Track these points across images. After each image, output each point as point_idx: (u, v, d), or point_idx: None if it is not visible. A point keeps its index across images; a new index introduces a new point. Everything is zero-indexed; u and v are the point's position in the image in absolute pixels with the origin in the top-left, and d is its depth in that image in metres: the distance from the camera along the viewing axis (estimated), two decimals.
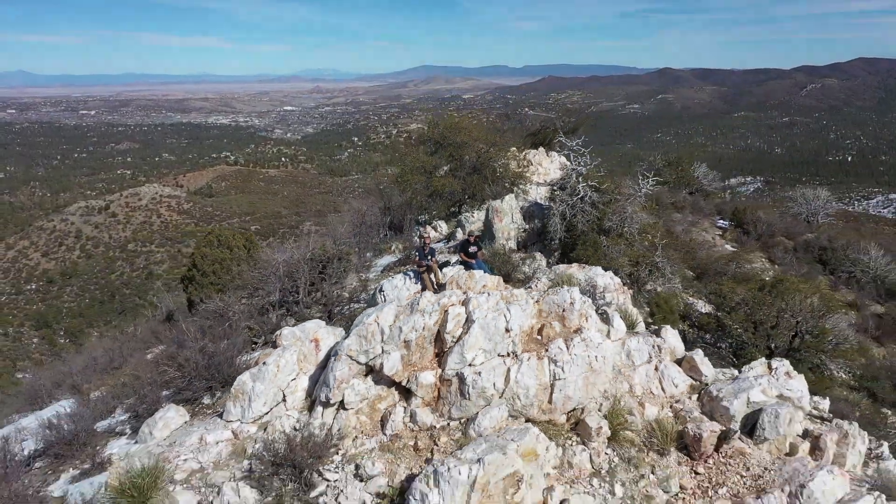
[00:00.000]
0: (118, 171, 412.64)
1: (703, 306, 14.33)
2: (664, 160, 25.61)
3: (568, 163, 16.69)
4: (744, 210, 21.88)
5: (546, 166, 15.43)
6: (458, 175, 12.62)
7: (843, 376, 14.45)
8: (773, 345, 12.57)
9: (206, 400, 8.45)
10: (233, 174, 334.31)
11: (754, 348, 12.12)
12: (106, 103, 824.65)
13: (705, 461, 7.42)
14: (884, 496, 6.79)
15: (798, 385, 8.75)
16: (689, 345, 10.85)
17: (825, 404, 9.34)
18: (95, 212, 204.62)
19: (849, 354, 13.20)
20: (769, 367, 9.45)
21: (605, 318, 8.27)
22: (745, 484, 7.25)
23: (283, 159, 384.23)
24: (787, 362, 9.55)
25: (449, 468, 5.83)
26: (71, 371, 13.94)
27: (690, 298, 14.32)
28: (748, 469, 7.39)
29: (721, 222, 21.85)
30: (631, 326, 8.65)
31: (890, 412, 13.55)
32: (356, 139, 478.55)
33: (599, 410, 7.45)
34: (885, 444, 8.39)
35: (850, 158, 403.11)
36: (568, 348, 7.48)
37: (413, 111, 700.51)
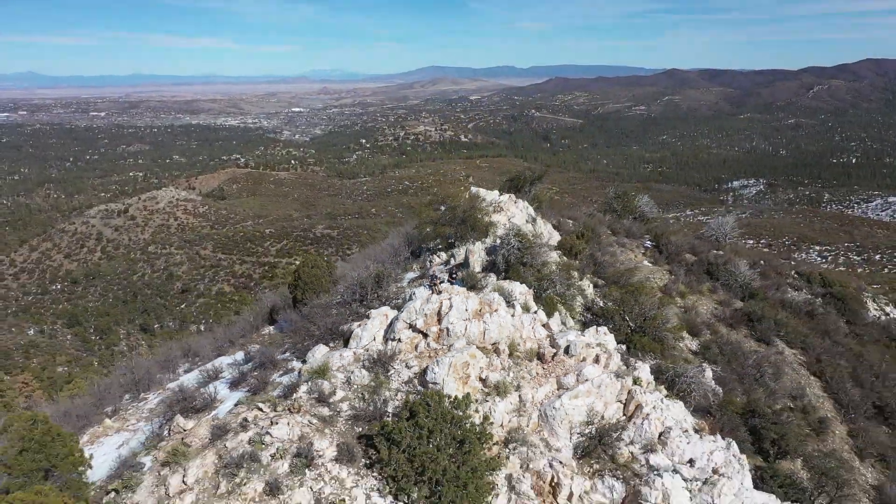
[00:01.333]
0: (130, 174, 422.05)
1: (602, 302, 22.12)
2: (615, 193, 32.87)
3: (529, 207, 24.98)
4: (661, 234, 29.53)
5: (512, 211, 23.16)
6: (452, 224, 20.13)
7: (689, 346, 22.24)
8: (632, 324, 20.35)
9: (331, 343, 16.54)
10: (243, 177, 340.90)
11: (622, 325, 19.93)
12: (116, 105, 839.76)
13: (546, 364, 15.48)
14: (614, 375, 14.76)
15: (605, 337, 16.79)
16: (588, 325, 19.13)
17: (622, 348, 17.40)
18: (115, 215, 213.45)
19: (674, 330, 20.94)
20: (596, 330, 17.47)
21: (511, 305, 16.28)
22: (562, 372, 15.22)
23: (292, 162, 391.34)
24: (605, 329, 17.60)
25: (440, 360, 14.10)
26: (222, 336, 21.77)
27: (593, 296, 22.09)
28: (564, 366, 15.39)
29: (647, 243, 29.45)
30: (527, 310, 16.61)
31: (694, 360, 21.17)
32: (364, 141, 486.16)
33: (504, 343, 15.59)
34: (641, 363, 16.32)
35: (854, 161, 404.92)
36: (490, 317, 15.68)
37: (420, 112, 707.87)
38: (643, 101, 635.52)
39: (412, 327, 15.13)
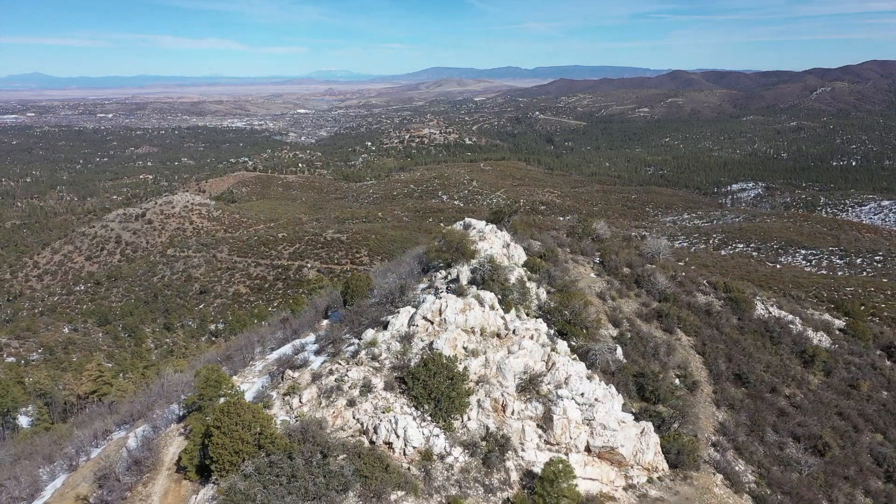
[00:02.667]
0: (140, 176, 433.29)
1: (551, 303, 31.99)
2: (577, 219, 42.02)
3: (506, 235, 35.12)
4: (607, 252, 39.20)
5: (492, 240, 32.67)
6: (449, 251, 29.58)
7: (611, 333, 32.12)
8: (568, 317, 30.31)
9: (375, 328, 26.59)
10: (252, 180, 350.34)
11: (560, 318, 29.91)
12: (123, 106, 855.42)
13: (502, 339, 25.51)
14: (541, 345, 24.89)
15: (539, 324, 27.02)
16: (539, 318, 29.28)
17: (552, 331, 27.75)
18: (133, 219, 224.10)
19: (593, 322, 30.75)
20: (535, 320, 27.57)
21: (483, 306, 26.19)
22: (511, 344, 25.32)
23: (299, 165, 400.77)
24: (540, 320, 27.51)
25: (440, 336, 24.12)
26: (292, 326, 31.86)
27: (546, 299, 31.84)
28: (512, 340, 25.58)
29: (596, 260, 38.97)
30: (493, 308, 26.50)
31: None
32: (369, 143, 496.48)
33: (478, 327, 25.56)
34: (561, 340, 26.26)
35: (854, 163, 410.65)
36: (470, 312, 25.62)
37: (425, 114, 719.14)
38: (647, 103, 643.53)
39: (424, 318, 25.17)
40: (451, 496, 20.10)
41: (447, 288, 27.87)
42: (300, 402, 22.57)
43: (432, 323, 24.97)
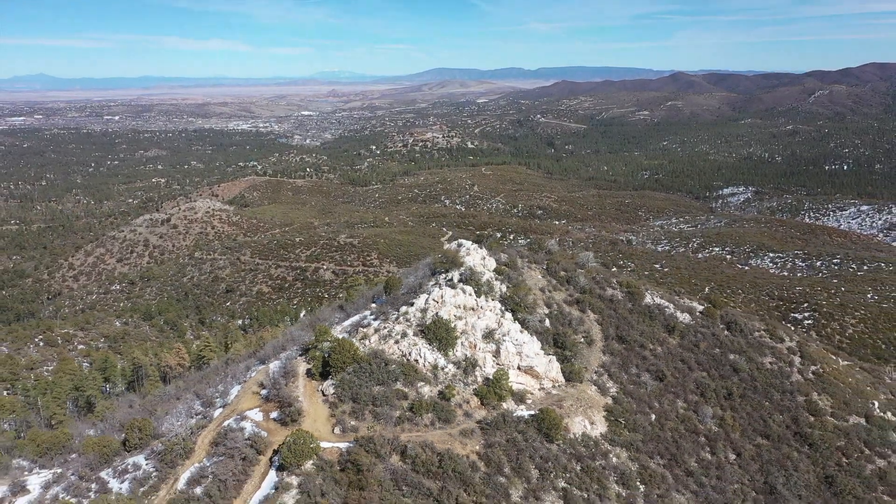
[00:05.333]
0: (153, 180, 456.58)
1: (508, 293, 53.19)
2: (531, 241, 62.32)
3: (484, 251, 56.43)
4: (551, 261, 60.32)
5: (473, 256, 53.72)
6: (446, 262, 50.04)
7: (544, 312, 53.46)
8: (517, 301, 51.45)
9: (403, 307, 47.69)
10: (263, 184, 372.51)
11: (512, 302, 50.89)
12: (129, 108, 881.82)
13: (475, 311, 46.47)
14: (496, 315, 45.67)
15: (494, 304, 48.17)
16: (498, 303, 50.85)
17: (504, 308, 48.63)
18: (159, 223, 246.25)
19: (531, 304, 51.94)
20: (494, 301, 48.57)
21: (465, 293, 46.91)
22: (480, 314, 46.45)
23: (307, 169, 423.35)
24: (497, 301, 48.44)
25: (442, 309, 45.39)
26: (348, 307, 52.35)
27: (505, 290, 52.92)
28: (479, 312, 46.66)
29: (545, 266, 60.13)
30: (471, 295, 47.24)
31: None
32: (374, 147, 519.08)
33: (462, 304, 46.52)
34: (509, 313, 47.05)
35: (845, 168, 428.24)
36: (459, 297, 46.70)
37: (428, 117, 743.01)
38: (647, 105, 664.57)
39: (433, 300, 46.47)
40: (446, 386, 41.98)
41: (445, 283, 49.50)
42: (369, 342, 44.55)
43: (437, 302, 46.77)
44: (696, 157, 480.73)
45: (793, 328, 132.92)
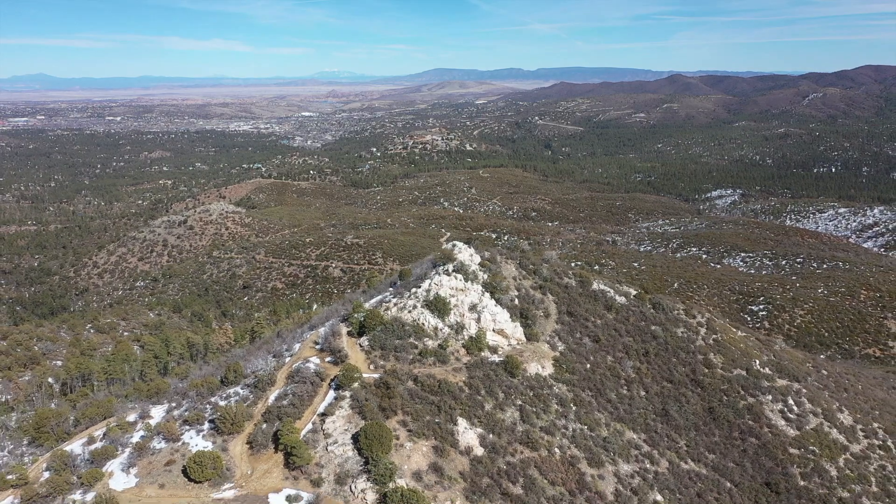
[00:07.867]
0: (160, 182, 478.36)
1: (489, 280, 74.30)
2: (508, 242, 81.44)
3: (473, 250, 77.21)
4: (523, 258, 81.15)
5: (464, 253, 74.37)
6: (443, 258, 70.22)
7: (516, 294, 74.39)
8: (493, 285, 72.01)
9: (413, 288, 68.62)
10: (269, 187, 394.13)
11: (490, 286, 71.57)
12: (130, 109, 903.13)
13: (463, 291, 67.63)
14: (478, 294, 67.14)
15: (476, 286, 69.30)
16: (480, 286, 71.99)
17: (485, 291, 69.86)
18: (176, 225, 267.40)
19: (504, 287, 72.81)
20: (475, 284, 69.20)
21: (457, 279, 67.57)
22: (466, 294, 67.41)
23: (310, 172, 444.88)
24: (479, 285, 69.14)
25: (440, 290, 66.81)
26: (370, 290, 71.87)
27: (486, 278, 73.39)
28: (466, 293, 67.46)
29: (518, 261, 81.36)
30: (462, 281, 68.17)
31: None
32: (374, 149, 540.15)
33: (454, 287, 67.71)
34: (487, 293, 68.39)
35: (833, 170, 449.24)
36: (452, 281, 67.88)
37: (427, 119, 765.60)
38: (643, 107, 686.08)
39: (434, 284, 67.42)
40: (443, 341, 63.33)
41: (443, 272, 70.99)
42: (391, 312, 66.09)
43: (437, 285, 68.12)
44: (688, 159, 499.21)
45: (749, 319, 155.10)
